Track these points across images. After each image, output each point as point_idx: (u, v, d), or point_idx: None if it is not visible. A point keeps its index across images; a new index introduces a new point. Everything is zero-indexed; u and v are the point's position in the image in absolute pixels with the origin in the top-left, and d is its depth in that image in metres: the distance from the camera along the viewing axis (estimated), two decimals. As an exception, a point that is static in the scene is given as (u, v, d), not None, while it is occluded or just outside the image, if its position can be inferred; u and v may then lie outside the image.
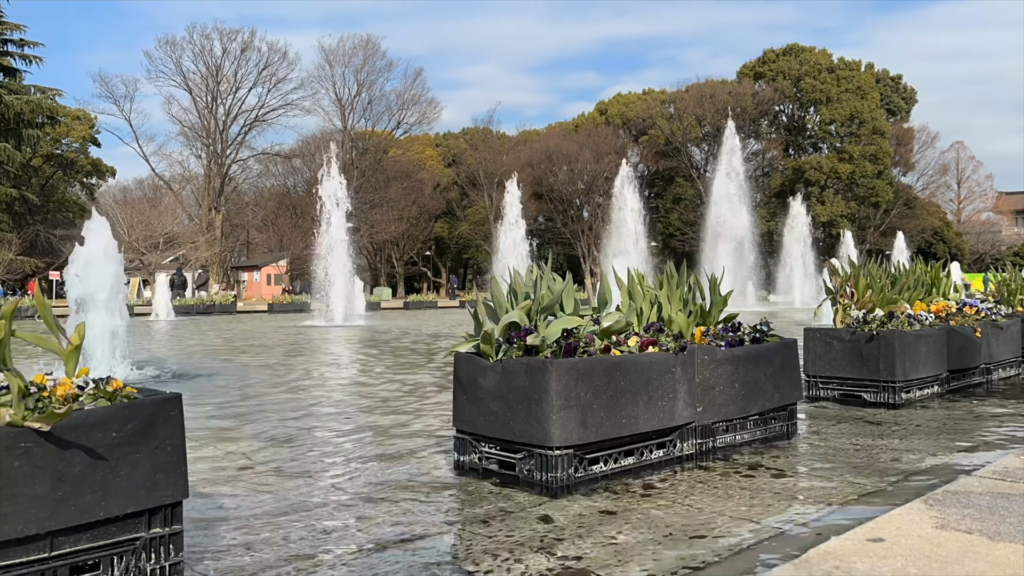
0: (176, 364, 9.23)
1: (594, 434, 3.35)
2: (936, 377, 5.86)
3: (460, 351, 3.69)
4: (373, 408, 5.71)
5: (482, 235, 62.31)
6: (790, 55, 63.87)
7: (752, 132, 64.60)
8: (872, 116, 61.02)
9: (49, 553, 2.06)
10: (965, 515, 2.35)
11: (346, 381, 7.75)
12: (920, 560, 1.96)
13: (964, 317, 6.57)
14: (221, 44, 55.66)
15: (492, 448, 3.53)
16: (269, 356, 10.41)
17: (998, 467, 3.03)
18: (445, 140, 71.59)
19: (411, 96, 60.77)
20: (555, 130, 68.68)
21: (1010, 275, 8.31)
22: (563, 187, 61.09)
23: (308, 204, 58.62)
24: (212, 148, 56.18)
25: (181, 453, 2.31)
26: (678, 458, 3.78)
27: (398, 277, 65.87)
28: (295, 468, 3.79)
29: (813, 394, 5.77)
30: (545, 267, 3.81)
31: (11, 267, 42.52)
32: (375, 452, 4.15)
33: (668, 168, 64.03)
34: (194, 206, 59.55)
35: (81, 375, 2.27)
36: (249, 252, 64.33)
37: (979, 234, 69.03)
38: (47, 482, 2.02)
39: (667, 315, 4.26)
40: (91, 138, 60.11)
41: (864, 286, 5.91)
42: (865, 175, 60.48)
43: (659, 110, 64.05)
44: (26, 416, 2.01)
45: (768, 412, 4.31)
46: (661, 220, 65.70)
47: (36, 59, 48.81)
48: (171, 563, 2.28)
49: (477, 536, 2.70)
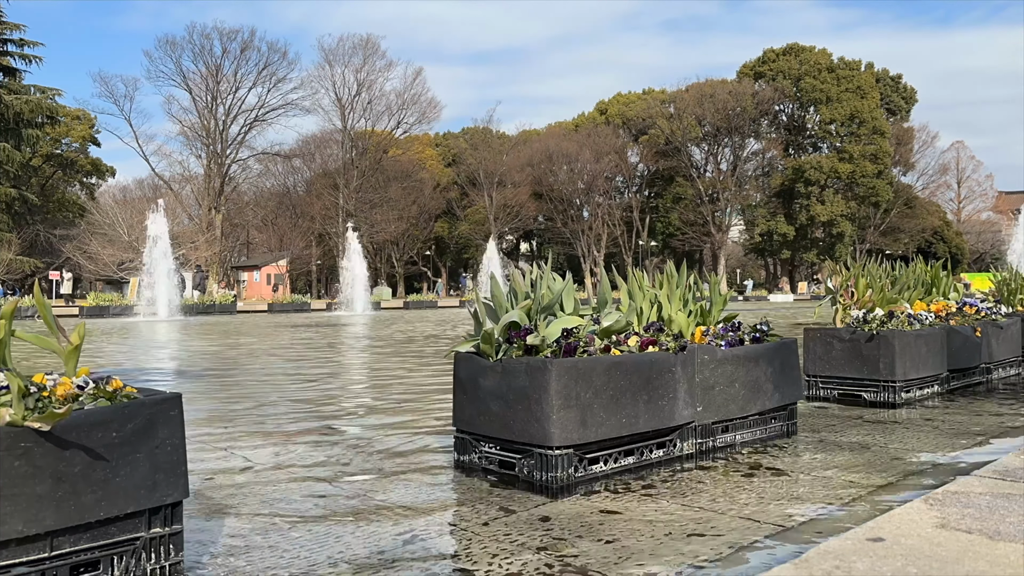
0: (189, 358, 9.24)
1: (594, 434, 3.35)
2: (936, 377, 5.86)
3: (460, 351, 3.69)
4: (373, 408, 5.71)
5: (482, 235, 62.34)
6: (790, 55, 63.86)
7: (752, 132, 64.59)
8: (872, 116, 61.04)
9: (49, 553, 2.05)
10: (965, 515, 2.35)
11: (344, 381, 7.76)
12: (920, 560, 1.96)
13: (964, 317, 6.57)
14: (221, 44, 55.70)
15: (492, 448, 3.53)
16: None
17: (998, 466, 3.03)
18: (445, 140, 71.60)
19: (411, 96, 60.79)
20: (555, 130, 68.68)
21: (1010, 275, 8.31)
22: (563, 187, 61.10)
23: (308, 204, 58.70)
24: (212, 148, 56.20)
25: (181, 453, 2.31)
26: (678, 458, 3.79)
27: (398, 277, 65.88)
28: (292, 466, 3.78)
29: (813, 394, 5.78)
30: (545, 267, 3.81)
31: (11, 267, 42.52)
32: (375, 451, 4.15)
33: (668, 168, 64.06)
34: (194, 206, 59.55)
35: (81, 375, 2.27)
36: (249, 252, 64.35)
37: (979, 234, 69.02)
38: (47, 482, 2.02)
39: (667, 315, 4.26)
40: (91, 138, 60.11)
41: (864, 286, 5.92)
42: (865, 175, 60.49)
43: (659, 110, 64.07)
44: (26, 416, 2.01)
45: (768, 412, 4.31)
46: (661, 220, 65.68)
47: (36, 59, 48.82)
48: (171, 563, 2.28)
49: (477, 536, 2.70)
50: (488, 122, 69.98)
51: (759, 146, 65.29)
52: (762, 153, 65.23)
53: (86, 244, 44.96)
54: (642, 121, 63.99)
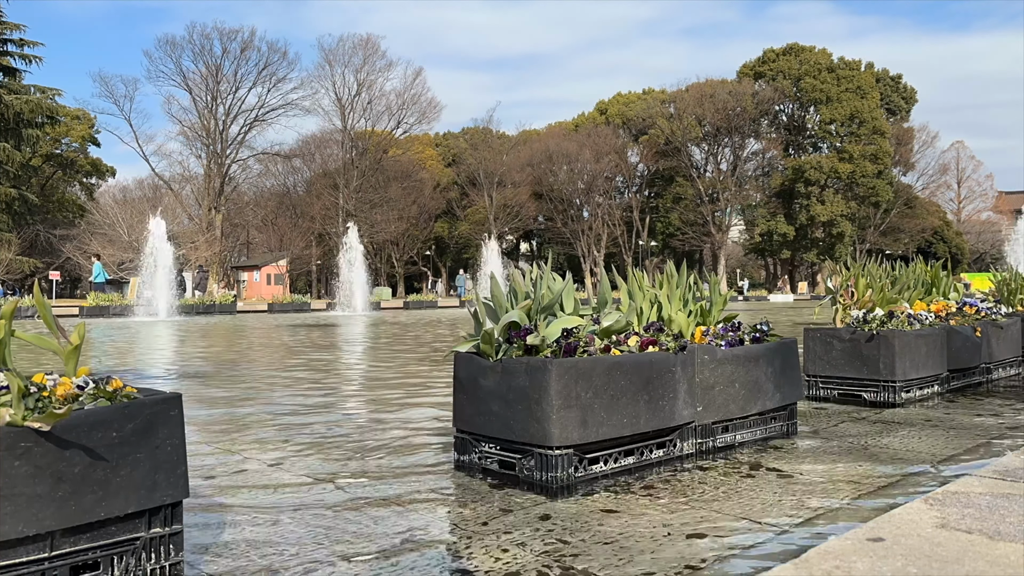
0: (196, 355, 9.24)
1: (594, 434, 3.35)
2: (936, 377, 5.86)
3: (460, 351, 3.69)
4: (373, 407, 5.71)
5: (482, 235, 62.40)
6: (790, 55, 63.87)
7: (752, 132, 64.60)
8: (872, 116, 61.05)
9: (49, 553, 2.06)
10: (965, 515, 2.35)
11: (345, 379, 7.76)
12: (920, 560, 1.96)
13: (964, 316, 6.57)
14: (221, 44, 55.71)
15: (492, 448, 3.53)
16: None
17: (998, 467, 3.03)
18: (445, 140, 71.60)
19: (411, 96, 60.80)
20: (555, 130, 68.69)
21: (1010, 275, 8.31)
22: (563, 187, 61.10)
23: (308, 204, 58.70)
24: (212, 148, 56.21)
25: (181, 453, 2.31)
26: (678, 458, 3.79)
27: (398, 277, 65.89)
28: (292, 466, 3.79)
29: (813, 394, 5.78)
30: (545, 267, 3.81)
31: (11, 267, 42.54)
32: (374, 451, 4.15)
33: (668, 168, 64.07)
34: (194, 206, 59.56)
35: (81, 375, 2.27)
36: (249, 252, 64.35)
37: (979, 234, 69.02)
38: (47, 482, 2.02)
39: (667, 315, 4.26)
40: (91, 138, 60.12)
41: (864, 286, 5.92)
42: (865, 175, 60.49)
43: (659, 110, 64.09)
44: (26, 416, 2.01)
45: (768, 412, 4.31)
46: (661, 220, 65.68)
47: (36, 59, 48.81)
48: (171, 563, 2.28)
49: (476, 536, 2.70)
50: (488, 122, 69.98)
51: (759, 146, 65.29)
52: (762, 153, 65.24)
53: (86, 244, 44.97)
54: (642, 121, 63.98)
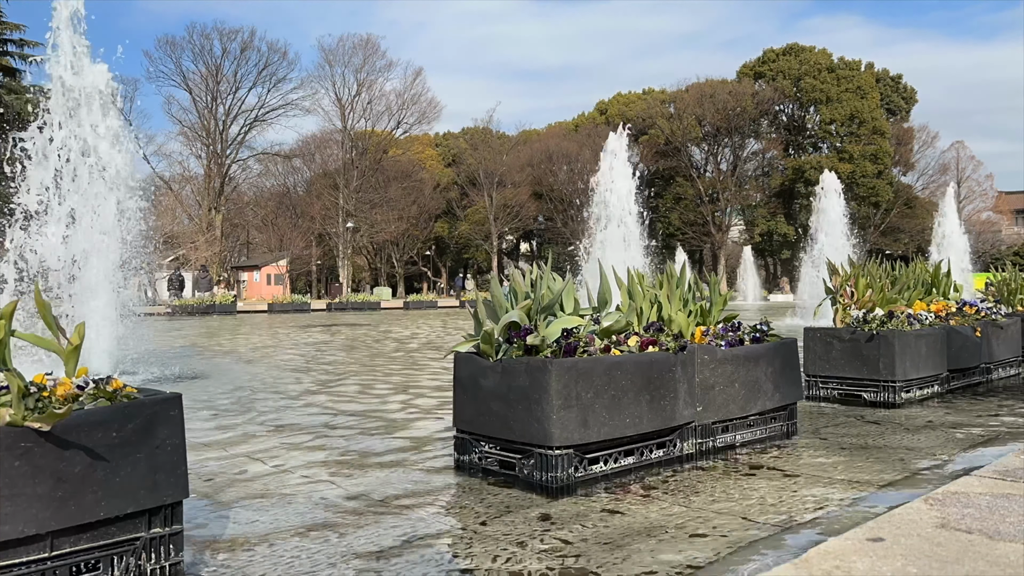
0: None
1: (594, 434, 3.35)
2: (936, 377, 5.86)
3: (460, 351, 3.69)
4: (373, 408, 5.71)
5: (482, 235, 62.32)
6: (790, 55, 63.86)
7: (752, 132, 64.61)
8: (872, 116, 61.03)
9: (49, 553, 2.05)
10: (965, 515, 2.35)
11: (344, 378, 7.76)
12: (920, 560, 1.96)
13: (964, 317, 6.57)
14: (221, 44, 55.67)
15: (492, 447, 3.53)
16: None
17: (998, 466, 3.03)
18: (445, 140, 71.57)
19: (411, 96, 60.77)
20: (555, 130, 68.67)
21: (1010, 275, 8.31)
22: (563, 187, 61.05)
23: (308, 204, 58.70)
24: (212, 148, 56.19)
25: (181, 453, 2.31)
26: (678, 458, 3.78)
27: (398, 277, 65.89)
28: (292, 466, 3.78)
29: (813, 394, 5.77)
30: (545, 267, 3.81)
31: (11, 267, 42.48)
32: (375, 451, 4.15)
33: (668, 168, 64.04)
34: (194, 206, 59.53)
35: (81, 375, 2.27)
36: (249, 252, 64.34)
37: (979, 234, 69.01)
38: (47, 482, 2.02)
39: (667, 315, 4.26)
40: (91, 138, 59.99)
41: (864, 286, 5.92)
42: (865, 175, 60.46)
43: (659, 110, 64.07)
44: (26, 416, 2.01)
45: (768, 412, 4.30)
46: (661, 220, 65.67)
47: (36, 59, 48.76)
48: (171, 563, 2.28)
49: (476, 535, 2.70)
50: (488, 122, 69.92)
51: (759, 146, 65.26)
52: (762, 153, 65.21)
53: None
54: (642, 121, 63.93)
